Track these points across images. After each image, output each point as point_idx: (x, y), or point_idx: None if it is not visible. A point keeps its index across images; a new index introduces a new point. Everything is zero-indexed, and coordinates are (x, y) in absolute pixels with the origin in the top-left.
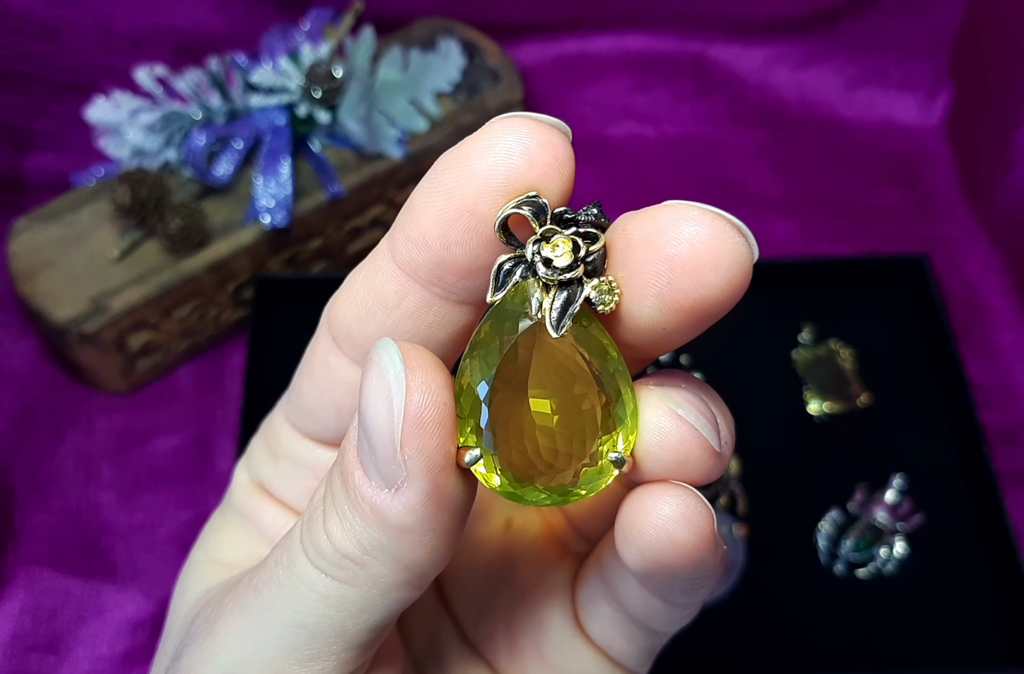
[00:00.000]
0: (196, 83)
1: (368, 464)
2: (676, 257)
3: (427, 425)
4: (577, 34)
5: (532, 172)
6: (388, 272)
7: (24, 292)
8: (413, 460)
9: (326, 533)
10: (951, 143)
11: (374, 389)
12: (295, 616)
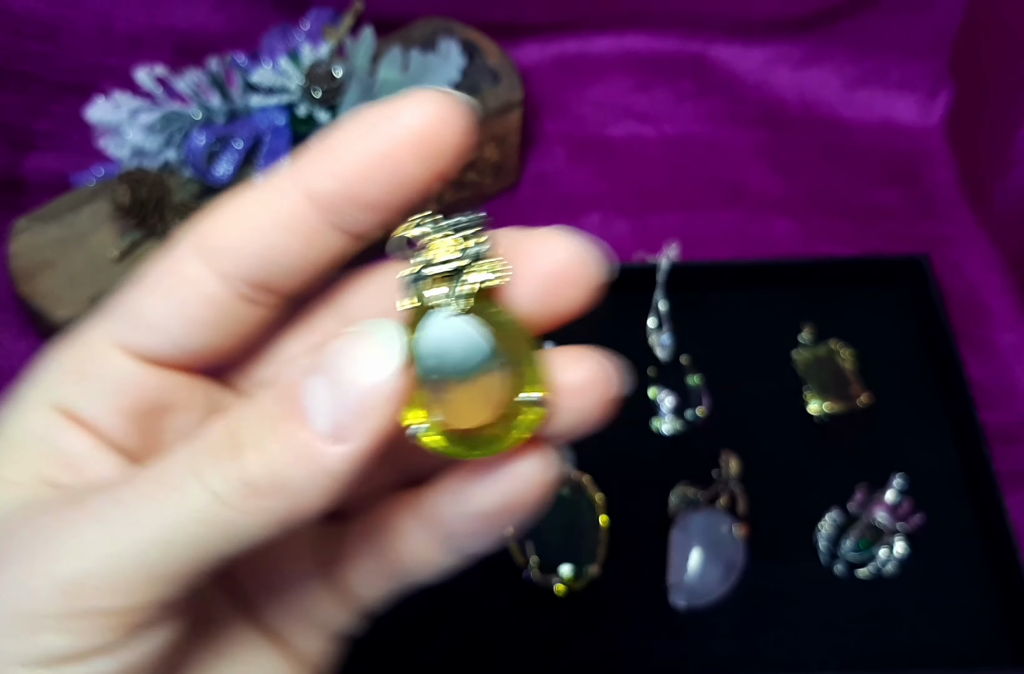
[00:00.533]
0: (196, 83)
1: (316, 410)
2: (550, 273)
3: (398, 399)
4: (577, 34)
5: (445, 131)
6: (291, 197)
7: (24, 292)
8: (377, 421)
9: (237, 459)
10: (951, 143)
11: (373, 352)
12: (163, 533)
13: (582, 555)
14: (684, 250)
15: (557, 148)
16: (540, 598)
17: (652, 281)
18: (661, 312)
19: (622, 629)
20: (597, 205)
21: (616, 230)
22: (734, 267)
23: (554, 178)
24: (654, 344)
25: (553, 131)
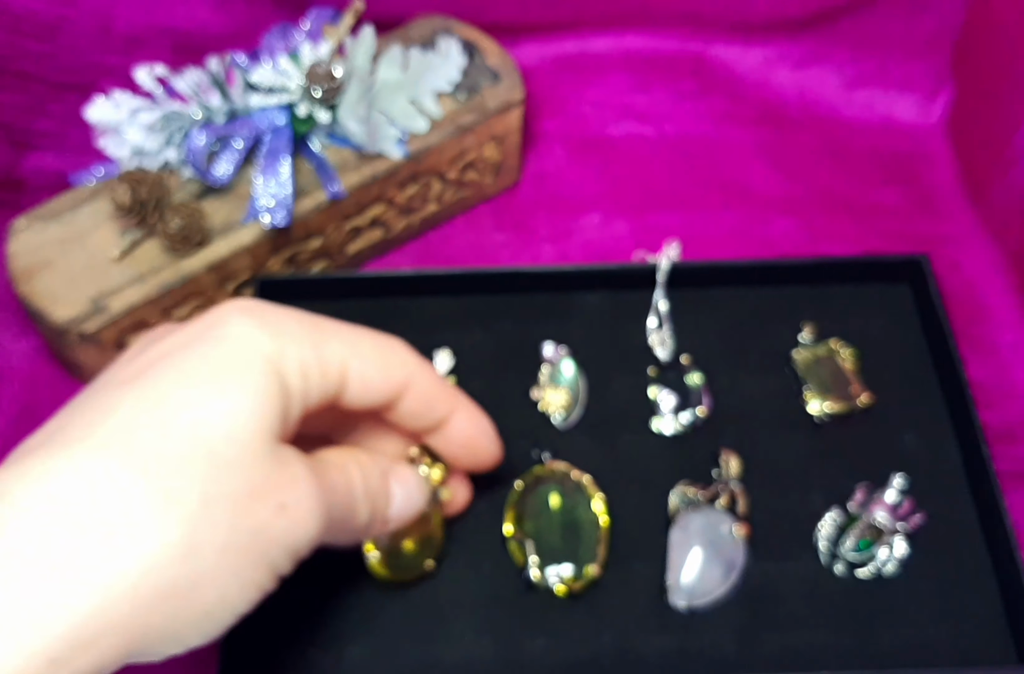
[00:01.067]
0: (196, 83)
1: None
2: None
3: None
4: (577, 34)
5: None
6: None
7: (24, 292)
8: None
9: None
10: (951, 143)
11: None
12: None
13: (582, 555)
14: (684, 250)
15: (557, 148)
16: (540, 598)
17: (652, 281)
18: (661, 312)
19: (622, 629)
20: (597, 205)
21: (616, 230)
22: (734, 267)
23: (554, 178)
24: (654, 344)
25: (553, 131)
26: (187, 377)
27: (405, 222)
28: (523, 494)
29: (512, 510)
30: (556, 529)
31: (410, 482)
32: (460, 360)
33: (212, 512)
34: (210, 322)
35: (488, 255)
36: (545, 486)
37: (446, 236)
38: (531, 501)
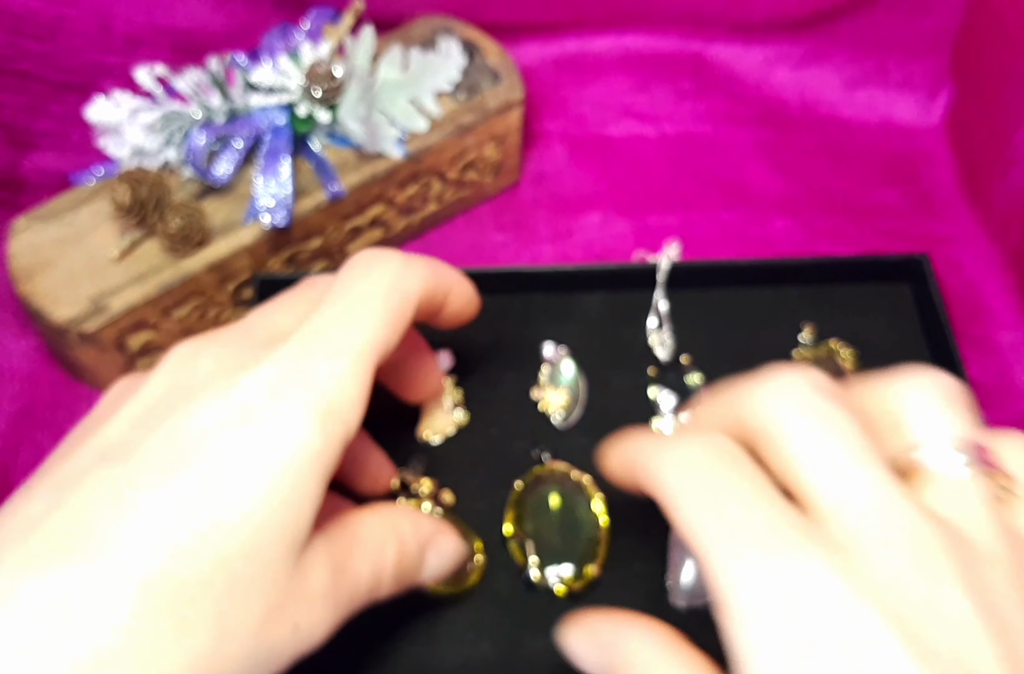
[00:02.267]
0: (196, 82)
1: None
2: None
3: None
4: (577, 34)
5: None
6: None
7: (23, 292)
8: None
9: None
10: (951, 143)
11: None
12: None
13: (582, 555)
14: (684, 250)
15: (557, 148)
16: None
17: (652, 281)
18: (661, 312)
19: None
20: (597, 205)
21: (616, 230)
22: (734, 267)
23: (554, 178)
24: (654, 344)
25: (553, 131)
26: (203, 472)
27: (405, 222)
28: (523, 494)
29: (512, 510)
30: (556, 529)
31: (447, 551)
32: (460, 360)
33: (226, 646)
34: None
35: (488, 255)
36: (545, 486)
37: (446, 236)
38: (531, 501)
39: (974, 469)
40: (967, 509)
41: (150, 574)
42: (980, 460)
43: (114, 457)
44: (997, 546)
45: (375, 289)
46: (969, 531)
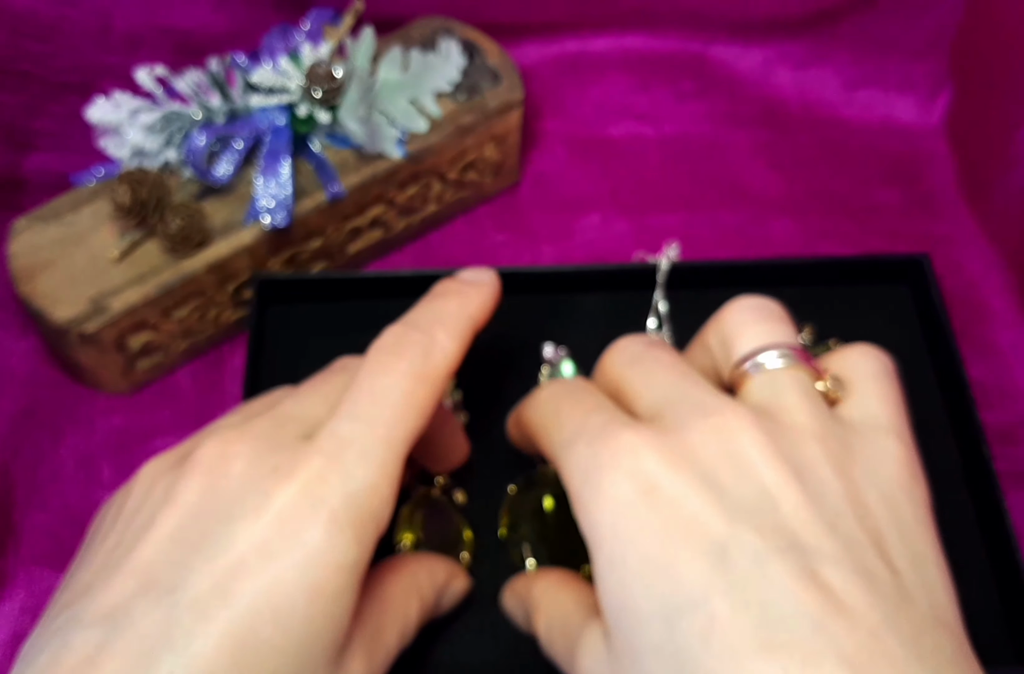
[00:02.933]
0: (196, 83)
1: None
2: None
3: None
4: (577, 34)
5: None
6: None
7: (24, 292)
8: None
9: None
10: (951, 143)
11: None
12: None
13: (580, 556)
14: (684, 250)
15: (557, 148)
16: None
17: (652, 281)
18: (661, 312)
19: None
20: (597, 205)
21: (616, 230)
22: (734, 267)
23: (554, 178)
24: None
25: (553, 131)
26: (246, 609)
27: (405, 222)
28: (517, 497)
29: (506, 514)
30: (551, 532)
31: (459, 591)
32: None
33: None
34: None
35: (488, 255)
36: (539, 489)
37: (446, 236)
38: (525, 504)
39: (786, 362)
40: (779, 394)
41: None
42: (794, 357)
43: (158, 588)
44: (810, 423)
45: (402, 381)
46: (780, 411)
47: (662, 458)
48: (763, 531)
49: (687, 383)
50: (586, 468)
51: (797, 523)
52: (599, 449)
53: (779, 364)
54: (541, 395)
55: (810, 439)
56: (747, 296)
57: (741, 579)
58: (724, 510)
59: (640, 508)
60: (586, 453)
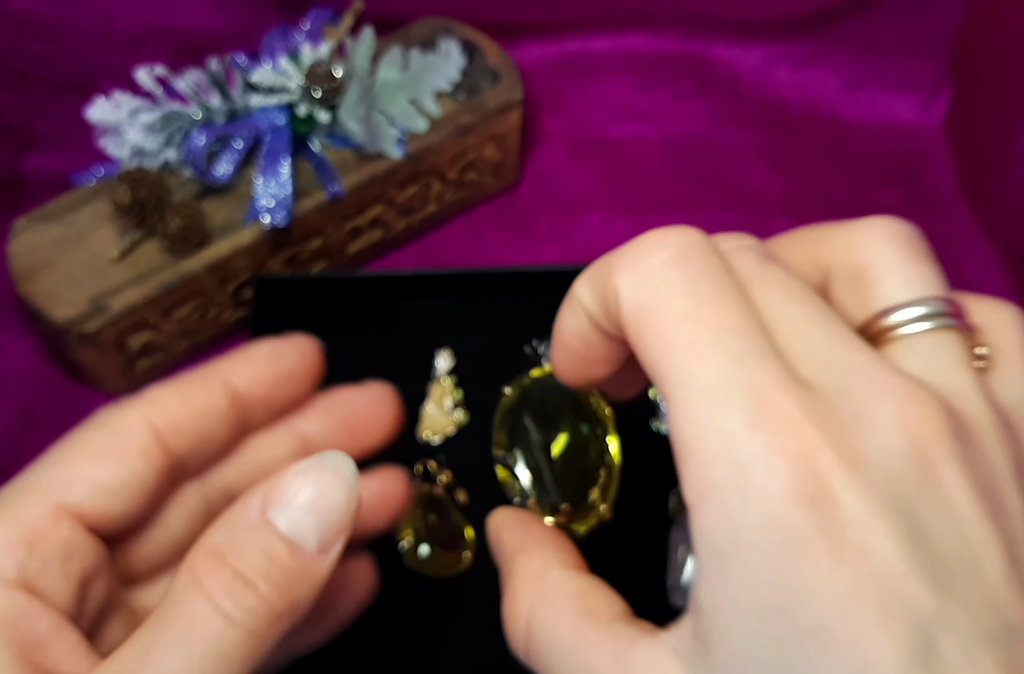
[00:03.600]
0: (196, 83)
1: (306, 538)
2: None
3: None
4: (577, 34)
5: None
6: (219, 392)
7: (24, 292)
8: (348, 532)
9: (261, 597)
10: (951, 143)
11: (332, 488)
12: (190, 659)
13: (585, 484)
14: None
15: (557, 148)
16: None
17: None
18: None
19: None
20: (597, 205)
21: (616, 230)
22: None
23: (554, 178)
24: None
25: (553, 131)
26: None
27: (405, 222)
28: (516, 406)
29: (501, 425)
30: (559, 456)
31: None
32: (460, 360)
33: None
34: None
35: (488, 255)
36: (547, 394)
37: (446, 236)
38: (526, 416)
39: (944, 323)
40: (942, 370)
41: None
42: (954, 317)
43: None
44: (989, 418)
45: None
46: (948, 396)
47: (840, 461)
48: (972, 607)
49: (841, 336)
50: (728, 441)
51: (1003, 592)
52: (757, 420)
53: (936, 325)
54: (648, 265)
55: (994, 446)
56: (889, 220)
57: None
58: (927, 567)
59: (812, 535)
60: (733, 420)
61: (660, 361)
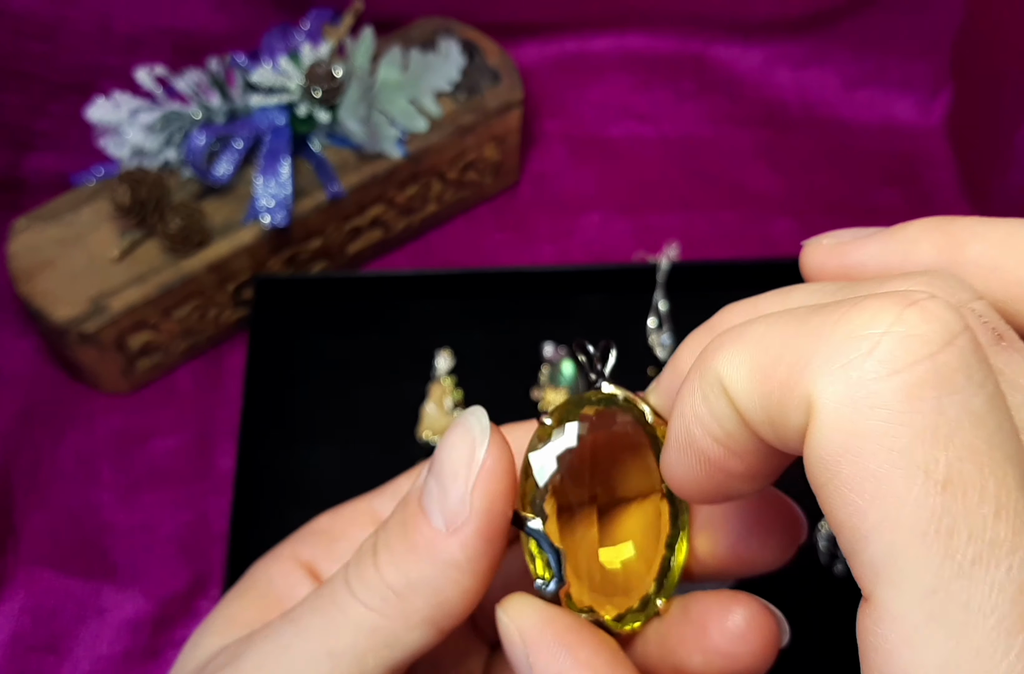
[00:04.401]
0: (196, 83)
1: (434, 505)
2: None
3: (496, 476)
4: (577, 34)
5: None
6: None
7: (24, 292)
8: (479, 501)
9: (376, 566)
10: (951, 143)
11: (458, 441)
12: (325, 643)
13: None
14: (684, 250)
15: (557, 148)
16: None
17: (652, 281)
18: (661, 312)
19: None
20: (597, 205)
21: (616, 230)
22: (734, 267)
23: (554, 178)
24: (654, 344)
25: (553, 131)
26: None
27: (405, 222)
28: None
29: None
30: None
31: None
32: (460, 360)
33: None
34: None
35: (488, 255)
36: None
37: (446, 236)
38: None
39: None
40: None
41: None
42: None
43: None
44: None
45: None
46: None
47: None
48: None
49: None
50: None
51: None
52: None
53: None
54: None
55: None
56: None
57: None
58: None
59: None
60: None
61: (880, 551)
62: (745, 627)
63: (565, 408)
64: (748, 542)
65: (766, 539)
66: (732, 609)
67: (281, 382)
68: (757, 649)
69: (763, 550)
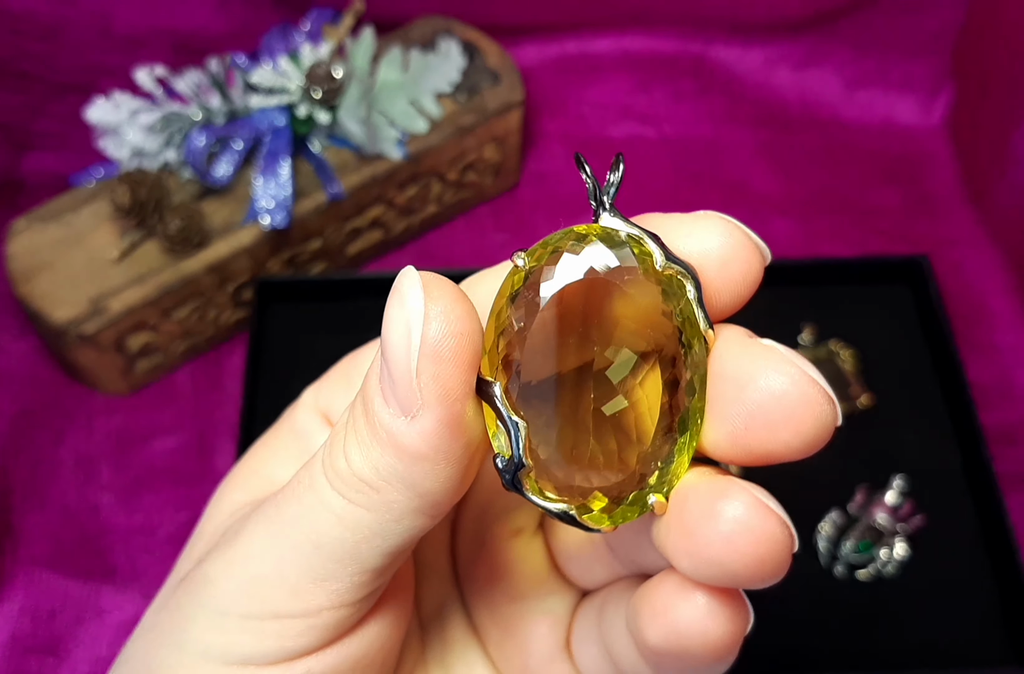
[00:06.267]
0: (196, 83)
1: (388, 391)
2: (760, 409)
3: (443, 355)
4: (577, 34)
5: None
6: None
7: (23, 293)
8: (428, 388)
9: (345, 456)
10: (951, 143)
11: (394, 317)
12: (312, 536)
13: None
14: None
15: (557, 148)
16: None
17: None
18: None
19: None
20: None
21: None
22: None
23: (554, 178)
24: None
25: (553, 131)
26: None
27: (405, 223)
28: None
29: (493, 323)
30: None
31: None
32: None
33: None
34: None
35: (488, 256)
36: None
37: (446, 237)
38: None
39: None
40: None
41: None
42: None
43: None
44: None
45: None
46: None
47: None
48: None
49: None
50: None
51: None
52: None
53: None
54: None
55: None
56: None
57: None
58: None
59: None
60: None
61: None
62: (739, 528)
63: (546, 246)
64: (762, 428)
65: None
66: (726, 503)
67: (280, 383)
68: (753, 559)
69: (778, 435)
